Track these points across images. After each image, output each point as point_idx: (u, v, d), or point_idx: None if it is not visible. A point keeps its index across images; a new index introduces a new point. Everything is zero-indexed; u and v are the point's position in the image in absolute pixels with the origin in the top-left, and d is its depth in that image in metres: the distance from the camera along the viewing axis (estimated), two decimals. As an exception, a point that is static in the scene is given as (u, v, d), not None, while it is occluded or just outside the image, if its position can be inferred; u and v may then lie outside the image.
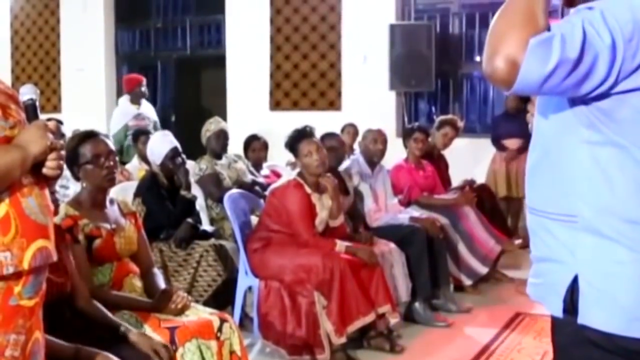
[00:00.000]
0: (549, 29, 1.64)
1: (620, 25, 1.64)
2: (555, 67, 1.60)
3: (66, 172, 2.37)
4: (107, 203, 3.53)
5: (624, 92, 1.67)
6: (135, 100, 8.78)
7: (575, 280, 1.76)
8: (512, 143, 8.16)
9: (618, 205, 1.71)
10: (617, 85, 1.66)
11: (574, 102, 1.74)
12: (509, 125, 8.15)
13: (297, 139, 4.93)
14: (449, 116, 7.52)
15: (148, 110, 8.84)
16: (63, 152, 2.25)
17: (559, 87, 1.64)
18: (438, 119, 7.35)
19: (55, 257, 2.25)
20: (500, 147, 8.34)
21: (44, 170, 2.20)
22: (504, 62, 1.61)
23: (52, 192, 2.61)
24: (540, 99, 1.87)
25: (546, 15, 1.66)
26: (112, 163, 3.47)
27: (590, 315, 1.75)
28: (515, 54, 1.60)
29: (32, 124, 2.22)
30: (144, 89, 8.81)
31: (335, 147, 5.72)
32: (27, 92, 2.30)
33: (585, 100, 1.71)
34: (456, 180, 7.32)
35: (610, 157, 1.71)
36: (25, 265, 2.11)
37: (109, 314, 3.08)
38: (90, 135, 3.51)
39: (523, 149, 7.63)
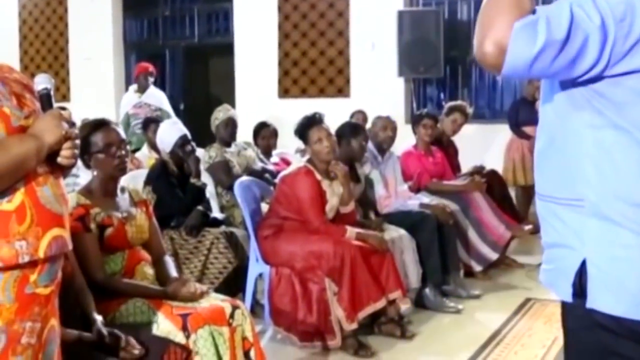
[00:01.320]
0: (534, 12, 1.66)
1: (610, 6, 1.65)
2: (542, 48, 1.62)
3: (77, 161, 2.37)
4: (118, 192, 3.54)
5: (618, 75, 1.68)
6: (140, 89, 8.81)
7: (583, 265, 1.77)
8: (533, 130, 7.98)
9: (623, 189, 1.71)
10: (610, 67, 1.67)
11: (573, 85, 1.75)
12: (528, 111, 7.97)
13: (307, 126, 4.93)
14: (458, 102, 7.47)
15: (153, 98, 8.84)
16: (78, 142, 2.26)
17: (549, 70, 1.66)
18: (447, 105, 7.32)
19: (70, 246, 2.26)
20: (520, 133, 8.24)
21: (59, 160, 2.21)
22: (492, 46, 1.65)
23: None
24: (543, 85, 1.88)
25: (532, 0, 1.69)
26: (123, 152, 3.48)
27: (599, 299, 1.75)
28: (502, 38, 1.64)
29: (47, 113, 2.22)
30: (150, 78, 8.82)
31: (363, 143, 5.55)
32: (42, 82, 2.29)
33: (583, 83, 1.72)
34: (465, 166, 7.31)
35: (613, 140, 1.72)
36: (41, 254, 2.13)
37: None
38: (101, 124, 3.51)
39: None
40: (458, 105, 7.24)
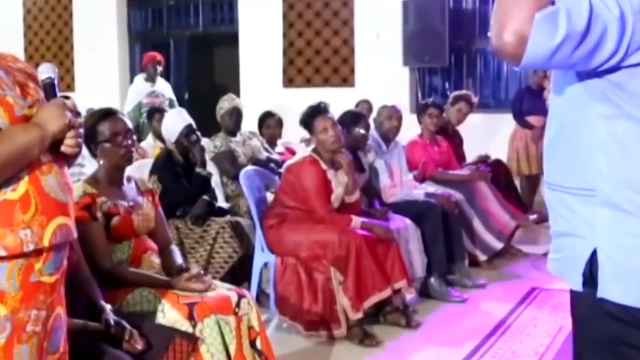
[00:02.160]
0: (553, 3, 1.64)
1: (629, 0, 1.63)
2: (563, 40, 1.60)
3: (83, 151, 2.37)
4: (125, 181, 3.54)
5: (635, 66, 1.66)
6: (150, 78, 8.81)
7: (594, 254, 1.76)
8: (537, 120, 7.86)
9: (635, 179, 1.70)
10: (628, 58, 1.65)
11: (588, 76, 1.73)
12: (533, 101, 7.92)
13: (312, 116, 4.93)
14: (464, 92, 7.46)
15: (164, 87, 8.86)
16: (82, 131, 2.26)
17: (568, 61, 1.65)
18: (452, 95, 7.31)
19: (75, 235, 2.26)
20: (524, 123, 8.17)
21: (63, 149, 2.21)
22: (512, 37, 1.63)
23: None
24: (555, 75, 1.87)
25: None
26: (130, 142, 3.48)
27: (609, 289, 1.74)
28: (523, 29, 1.61)
29: (51, 102, 2.22)
30: (159, 67, 8.83)
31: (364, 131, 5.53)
32: (46, 71, 2.29)
33: (598, 73, 1.71)
34: (471, 156, 7.30)
35: (626, 130, 1.71)
36: (46, 243, 2.13)
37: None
38: (109, 114, 3.52)
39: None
40: (464, 95, 7.23)
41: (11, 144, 2.08)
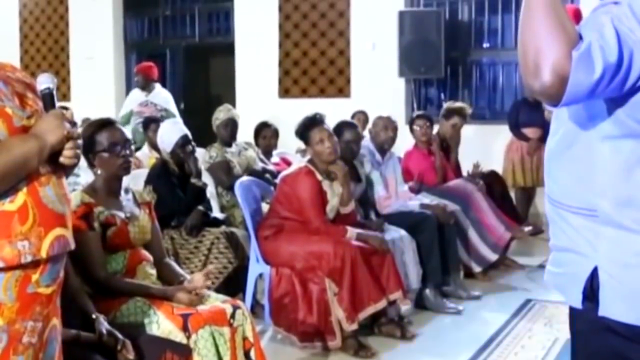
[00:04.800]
0: (580, 36, 1.60)
1: None
2: (602, 74, 1.57)
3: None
4: (122, 192, 3.55)
5: None
6: (144, 88, 8.81)
7: (595, 272, 1.76)
8: (533, 132, 7.89)
9: (638, 197, 1.70)
10: None
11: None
12: (530, 113, 7.89)
13: (308, 127, 4.93)
14: (457, 104, 7.24)
15: (161, 97, 8.85)
16: (80, 142, 2.26)
17: (605, 93, 1.62)
18: (445, 107, 7.15)
19: (73, 246, 2.26)
20: (519, 135, 8.15)
21: (61, 160, 2.21)
22: (552, 77, 1.58)
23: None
24: None
25: (567, 13, 1.63)
26: (128, 152, 3.49)
27: (611, 307, 1.74)
28: (562, 68, 1.57)
29: (49, 113, 2.22)
30: (147, 79, 8.80)
31: (353, 139, 5.52)
32: (45, 81, 2.29)
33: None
34: (465, 167, 7.30)
35: (631, 149, 1.70)
36: (43, 254, 2.13)
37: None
38: (106, 124, 3.53)
39: (544, 139, 7.44)
40: (457, 108, 7.06)
41: (9, 155, 2.08)
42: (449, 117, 6.99)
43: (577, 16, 5.32)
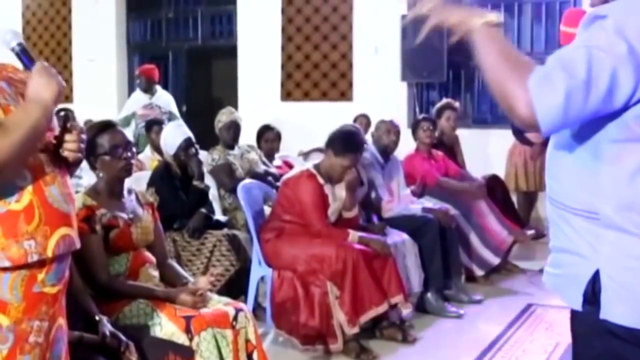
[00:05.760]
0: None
1: (637, 30, 1.63)
2: (568, 93, 1.60)
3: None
4: (125, 193, 3.55)
5: None
6: (147, 90, 8.81)
7: (596, 275, 1.77)
8: (536, 137, 7.85)
9: (638, 200, 1.71)
10: None
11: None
12: None
13: (346, 147, 4.90)
14: (443, 101, 7.53)
15: (164, 100, 8.86)
16: (84, 136, 2.26)
17: (585, 110, 1.64)
18: (435, 109, 7.43)
19: (78, 245, 2.27)
20: (522, 139, 8.14)
21: (65, 153, 2.21)
22: (526, 110, 1.64)
23: None
24: None
25: (515, 48, 1.74)
26: (129, 154, 3.49)
27: (612, 310, 1.75)
28: (529, 100, 1.62)
29: (34, 71, 2.17)
30: (150, 81, 8.81)
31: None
32: (13, 37, 2.20)
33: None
34: (468, 169, 7.30)
35: (636, 154, 1.71)
36: (49, 253, 2.14)
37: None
38: (107, 126, 3.53)
39: (547, 144, 7.43)
40: (445, 104, 7.35)
41: (20, 130, 2.05)
42: (442, 113, 7.22)
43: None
